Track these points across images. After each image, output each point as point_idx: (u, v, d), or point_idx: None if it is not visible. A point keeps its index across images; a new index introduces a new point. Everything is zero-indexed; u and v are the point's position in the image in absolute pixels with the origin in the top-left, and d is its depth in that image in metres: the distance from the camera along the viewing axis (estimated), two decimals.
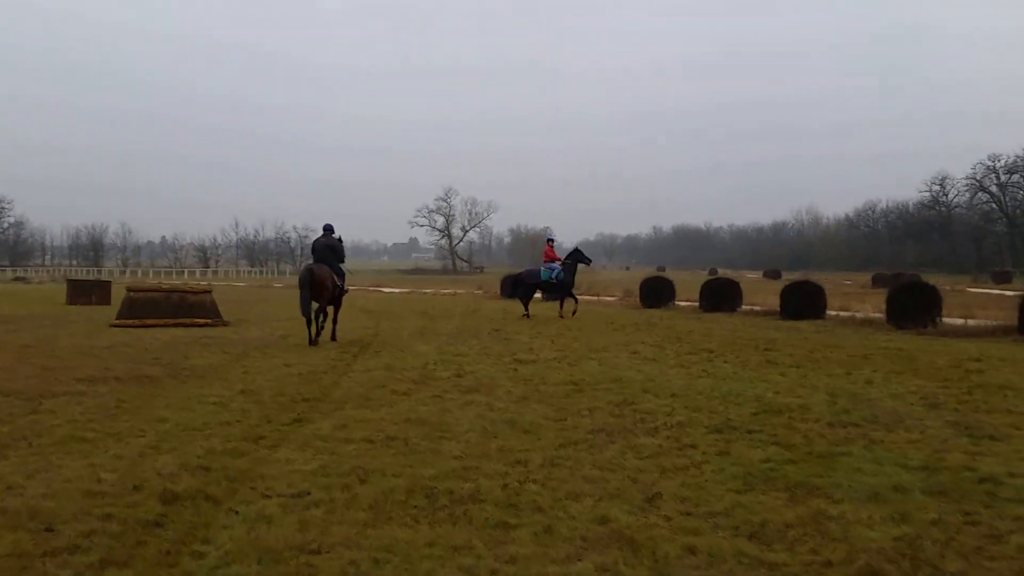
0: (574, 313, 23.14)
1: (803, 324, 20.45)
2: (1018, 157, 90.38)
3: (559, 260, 23.96)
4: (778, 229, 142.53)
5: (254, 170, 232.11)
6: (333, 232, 17.08)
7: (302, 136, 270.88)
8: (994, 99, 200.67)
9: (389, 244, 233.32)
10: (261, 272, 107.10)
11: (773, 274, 73.03)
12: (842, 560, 4.26)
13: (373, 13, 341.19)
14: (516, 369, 11.72)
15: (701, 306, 26.27)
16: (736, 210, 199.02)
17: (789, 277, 79.07)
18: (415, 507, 5.16)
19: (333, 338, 16.24)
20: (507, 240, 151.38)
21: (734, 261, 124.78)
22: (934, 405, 8.82)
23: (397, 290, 48.68)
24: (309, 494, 5.43)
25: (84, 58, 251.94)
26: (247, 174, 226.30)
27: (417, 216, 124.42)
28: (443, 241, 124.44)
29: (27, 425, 7.70)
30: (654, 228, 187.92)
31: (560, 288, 23.79)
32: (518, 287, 25.18)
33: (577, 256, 24.13)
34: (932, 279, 53.75)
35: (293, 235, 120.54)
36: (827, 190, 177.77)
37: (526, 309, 23.37)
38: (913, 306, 19.16)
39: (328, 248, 16.81)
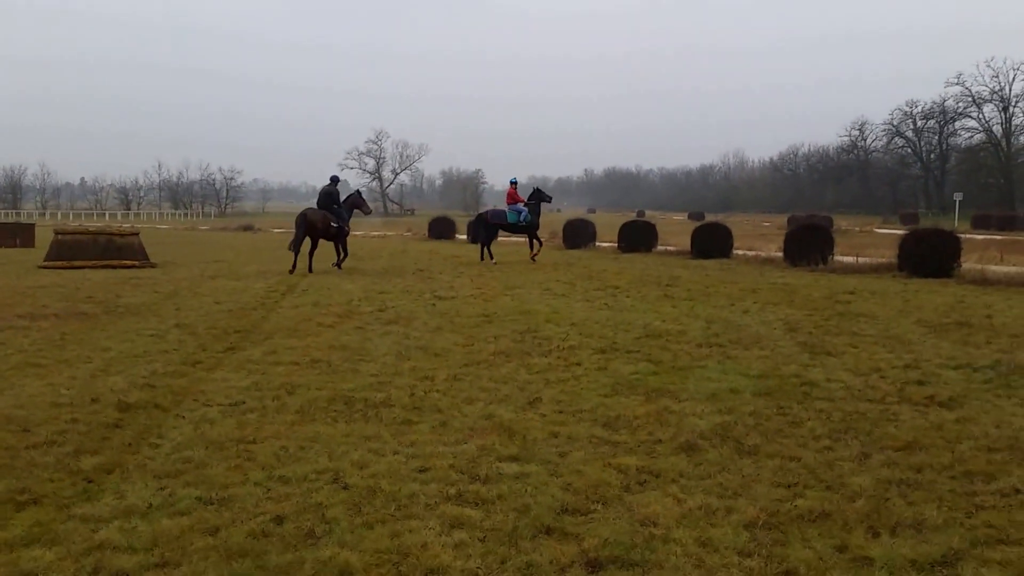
0: (534, 257, 23.14)
1: (709, 263, 21.89)
2: (934, 104, 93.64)
3: (523, 201, 23.67)
4: (706, 172, 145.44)
5: (176, 106, 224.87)
6: (338, 182, 21.73)
7: (227, 67, 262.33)
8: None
9: (319, 186, 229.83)
10: (186, 215, 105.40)
11: (697, 216, 75.05)
12: (669, 438, 5.49)
13: None
14: (434, 304, 12.79)
15: (619, 247, 27.55)
16: (668, 155, 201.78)
17: (712, 219, 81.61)
18: (335, 411, 6.25)
19: (338, 266, 19.76)
20: (439, 183, 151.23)
21: (663, 203, 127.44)
22: (793, 329, 10.20)
23: None
24: (244, 403, 6.48)
25: None
26: (170, 111, 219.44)
27: (347, 159, 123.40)
28: (374, 183, 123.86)
29: None
30: (586, 171, 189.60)
31: (527, 229, 23.68)
32: (480, 229, 24.31)
33: (539, 196, 23.98)
34: (844, 221, 56.62)
35: (218, 177, 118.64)
36: (756, 137, 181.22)
37: (488, 252, 23.08)
38: (808, 246, 20.67)
39: (327, 195, 20.50)
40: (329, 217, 19.66)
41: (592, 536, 3.85)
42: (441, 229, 37.93)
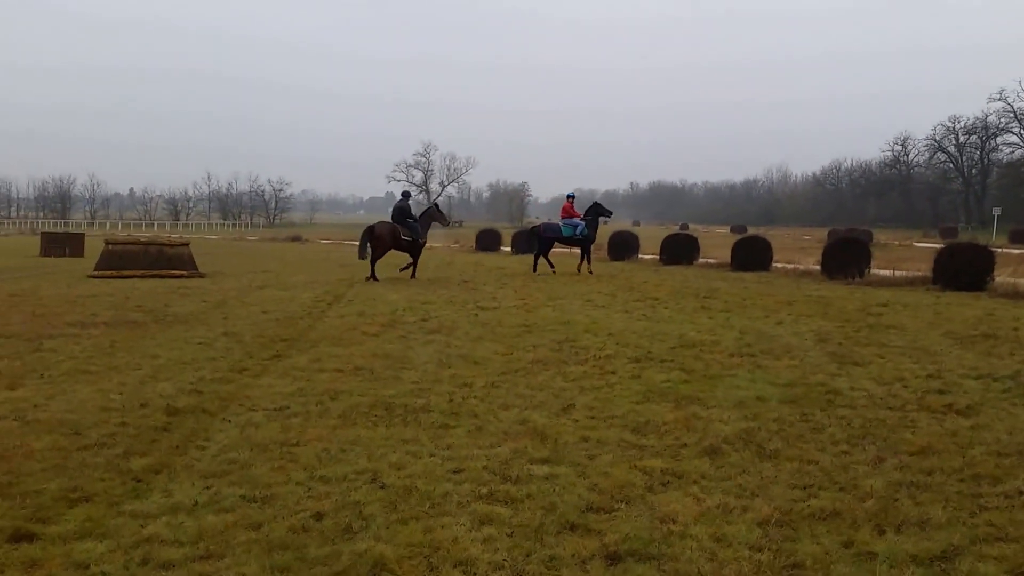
0: (586, 271, 22.76)
1: (748, 275, 21.91)
2: (976, 119, 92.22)
3: (579, 216, 23.42)
4: (750, 186, 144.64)
5: (228, 119, 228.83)
6: (409, 197, 22.89)
7: (278, 79, 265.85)
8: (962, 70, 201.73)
9: (366, 198, 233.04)
10: (234, 225, 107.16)
11: (739, 229, 74.58)
12: (695, 442, 5.66)
13: None
14: (477, 314, 13.03)
15: (661, 259, 27.65)
16: (713, 168, 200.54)
17: (754, 232, 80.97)
18: (376, 416, 6.50)
19: (413, 276, 20.70)
20: (486, 195, 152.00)
21: (707, 217, 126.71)
22: (824, 340, 10.29)
23: None
24: (289, 408, 6.76)
25: (47, 5, 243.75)
26: (221, 123, 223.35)
27: (395, 171, 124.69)
28: (421, 196, 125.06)
29: (35, 361, 8.82)
30: (631, 184, 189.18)
31: (582, 243, 23.26)
32: (533, 241, 24.31)
33: (597, 210, 23.59)
34: (884, 235, 55.88)
35: (267, 188, 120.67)
36: (800, 152, 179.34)
37: (548, 262, 23.15)
38: (845, 259, 20.61)
39: (399, 210, 21.34)
40: (399, 230, 20.51)
41: (613, 532, 4.05)
42: (487, 241, 38.26)
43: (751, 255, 24.27)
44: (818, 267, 21.89)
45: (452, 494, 4.63)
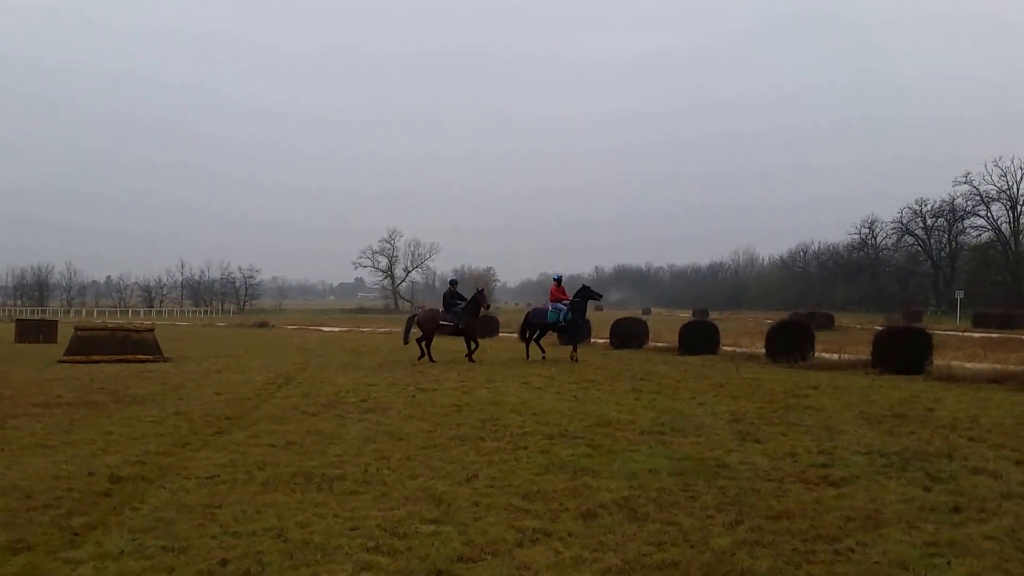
0: (573, 358, 21.78)
1: (693, 359, 22.76)
2: (943, 202, 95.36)
3: (567, 299, 23.03)
4: (716, 269, 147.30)
5: (203, 209, 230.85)
6: (456, 284, 25.19)
7: (253, 175, 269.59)
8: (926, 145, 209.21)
9: (335, 284, 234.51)
10: (206, 312, 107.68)
11: (701, 313, 76.12)
12: (574, 507, 6.39)
13: (329, 57, 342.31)
14: (415, 396, 13.74)
15: (611, 343, 28.55)
16: (679, 251, 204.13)
17: (717, 315, 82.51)
18: (295, 483, 7.20)
19: (469, 358, 21.89)
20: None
21: (672, 300, 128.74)
22: (737, 420, 11.05)
23: (336, 329, 50.39)
24: (219, 476, 7.45)
25: (20, 90, 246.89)
26: (196, 214, 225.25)
27: (361, 257, 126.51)
28: (386, 281, 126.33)
29: None
30: (596, 268, 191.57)
31: (569, 330, 23.00)
32: (524, 328, 24.33)
33: (586, 293, 23.12)
34: (847, 318, 57.40)
35: (238, 275, 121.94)
36: (766, 231, 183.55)
37: (539, 348, 22.76)
38: (788, 342, 21.57)
39: (449, 295, 23.35)
40: (439, 316, 22.64)
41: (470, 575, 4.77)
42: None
43: (699, 339, 25.17)
44: (763, 351, 22.84)
45: (344, 546, 5.33)
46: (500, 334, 37.49)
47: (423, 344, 22.21)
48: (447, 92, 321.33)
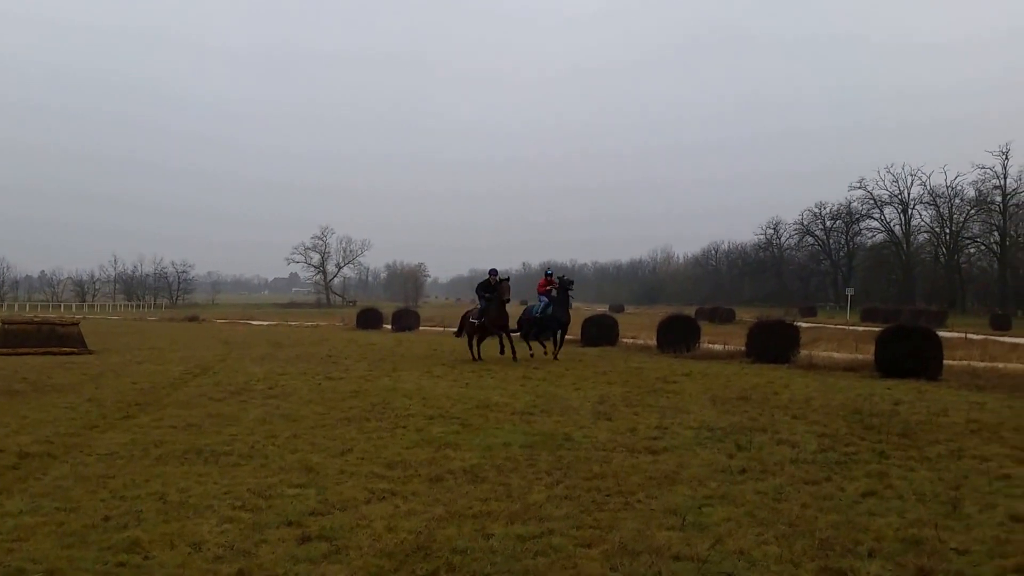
0: (555, 356, 20.30)
1: (592, 350, 23.86)
2: (841, 205, 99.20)
3: (548, 292, 21.41)
4: (636, 266, 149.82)
5: (136, 202, 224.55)
6: (495, 275, 21.07)
7: (184, 166, 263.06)
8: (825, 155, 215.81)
9: (270, 279, 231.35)
10: (138, 306, 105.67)
11: (617, 308, 77.94)
12: (426, 474, 7.19)
13: (264, 53, 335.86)
14: (320, 384, 14.40)
15: (521, 335, 29.46)
16: (603, 248, 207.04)
17: (633, 310, 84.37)
18: (186, 458, 7.86)
19: (501, 352, 20.45)
20: (383, 275, 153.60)
21: (595, 296, 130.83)
22: (602, 402, 12.00)
23: (265, 323, 50.34)
24: (117, 453, 8.06)
25: None
26: (130, 206, 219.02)
27: (294, 253, 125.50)
28: (318, 277, 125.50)
29: None
30: (524, 264, 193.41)
31: (550, 325, 21.14)
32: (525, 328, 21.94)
33: (564, 284, 21.57)
34: (748, 313, 59.27)
35: (171, 270, 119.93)
36: (683, 232, 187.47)
37: (527, 345, 21.24)
38: (677, 334, 22.79)
39: (480, 288, 21.13)
40: (471, 313, 21.30)
41: (317, 525, 5.53)
42: (369, 320, 39.56)
43: (600, 332, 26.33)
44: (654, 342, 24.02)
45: (214, 506, 6.04)
46: (421, 328, 38.19)
47: (472, 343, 20.55)
48: (378, 91, 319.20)
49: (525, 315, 22.20)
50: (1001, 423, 9.80)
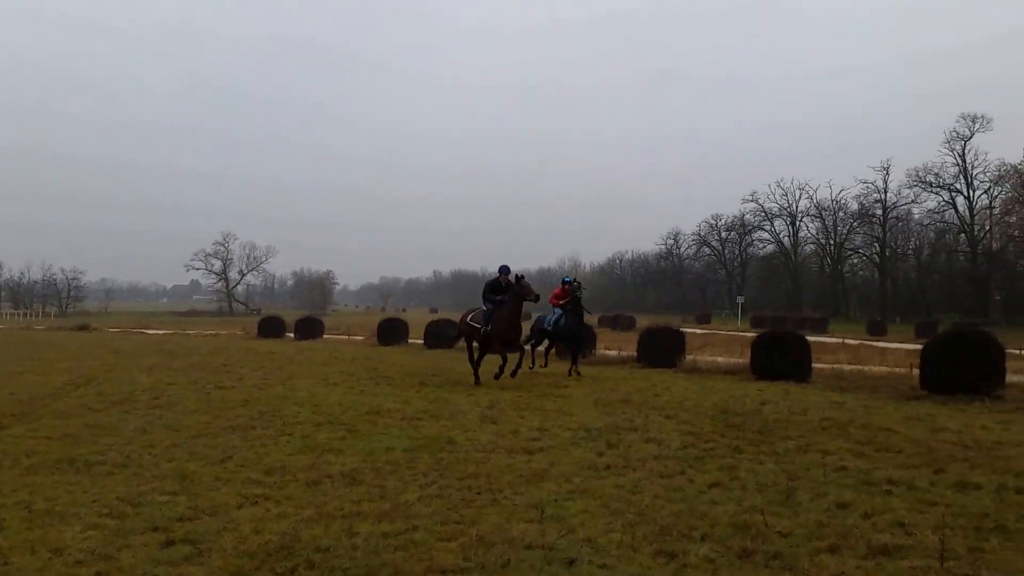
0: (571, 372, 18.13)
1: (493, 358, 24.12)
2: (735, 217, 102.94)
3: (560, 303, 19.51)
4: (544, 275, 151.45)
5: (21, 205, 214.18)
6: (507, 274, 16.64)
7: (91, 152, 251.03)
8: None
9: (169, 286, 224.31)
10: (25, 315, 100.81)
11: (524, 316, 78.62)
12: (304, 478, 7.31)
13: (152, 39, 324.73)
14: (209, 393, 14.22)
15: (425, 344, 29.58)
16: (513, 257, 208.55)
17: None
18: (59, 468, 7.76)
19: (499, 374, 16.18)
20: (290, 282, 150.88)
21: None
22: (492, 407, 12.28)
23: (161, 332, 48.87)
24: None
25: None
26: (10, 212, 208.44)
27: (194, 260, 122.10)
28: (220, 284, 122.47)
29: None
30: (434, 272, 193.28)
31: (562, 337, 19.61)
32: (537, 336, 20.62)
33: (573, 291, 19.38)
34: (647, 319, 60.79)
35: (60, 277, 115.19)
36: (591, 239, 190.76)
37: (532, 357, 19.70)
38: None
39: (488, 288, 16.89)
40: (470, 316, 17.25)
41: (183, 530, 5.62)
42: (271, 328, 38.92)
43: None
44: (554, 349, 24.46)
45: (80, 513, 6.04)
46: (325, 336, 37.80)
47: (472, 355, 16.98)
48: (285, 91, 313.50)
49: (537, 326, 20.61)
50: (851, 421, 10.51)
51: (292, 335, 37.31)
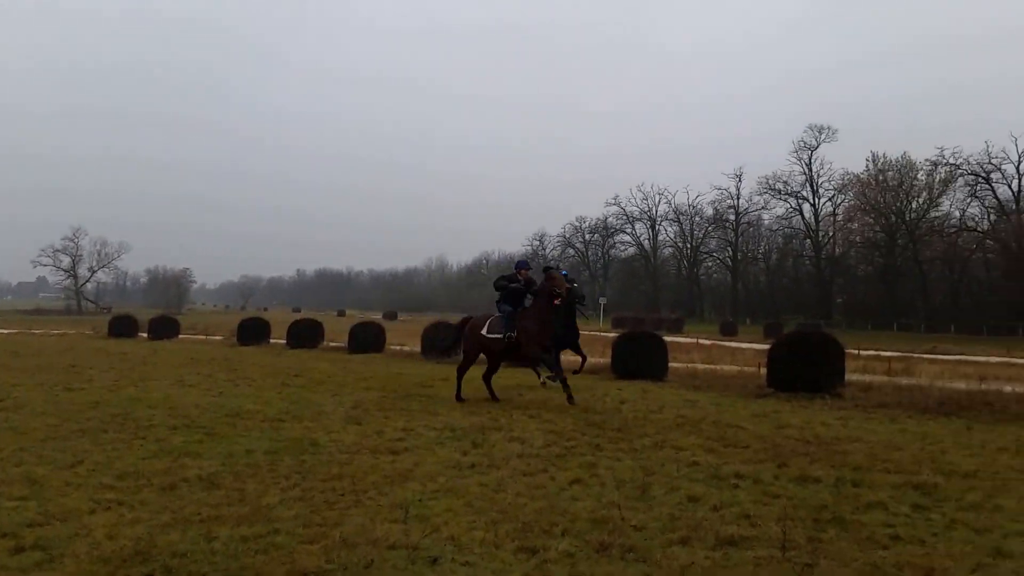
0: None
1: (359, 357, 23.92)
2: (598, 220, 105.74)
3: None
4: (412, 274, 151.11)
5: None
6: (526, 269, 14.08)
7: None
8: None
9: (14, 283, 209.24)
10: None
11: (391, 316, 78.22)
12: (159, 483, 7.05)
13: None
14: (58, 395, 13.44)
15: (287, 344, 28.94)
16: (380, 257, 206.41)
17: (407, 318, 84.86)
18: None
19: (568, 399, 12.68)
20: (144, 280, 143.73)
21: (371, 303, 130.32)
22: (356, 407, 12.18)
23: (5, 331, 45.68)
24: None
25: None
26: None
27: (41, 256, 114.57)
28: (68, 282, 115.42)
29: None
30: (298, 271, 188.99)
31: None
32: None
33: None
34: None
35: None
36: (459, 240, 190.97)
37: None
38: (439, 341, 23.29)
39: (503, 285, 13.95)
40: (482, 323, 13.95)
41: (33, 536, 5.33)
42: (123, 327, 37.09)
43: (367, 339, 26.40)
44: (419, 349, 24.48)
45: None
46: (181, 336, 36.34)
47: (459, 379, 13.82)
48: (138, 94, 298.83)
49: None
50: (703, 418, 11.05)
51: (146, 335, 35.71)
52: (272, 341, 30.76)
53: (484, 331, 13.52)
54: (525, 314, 13.10)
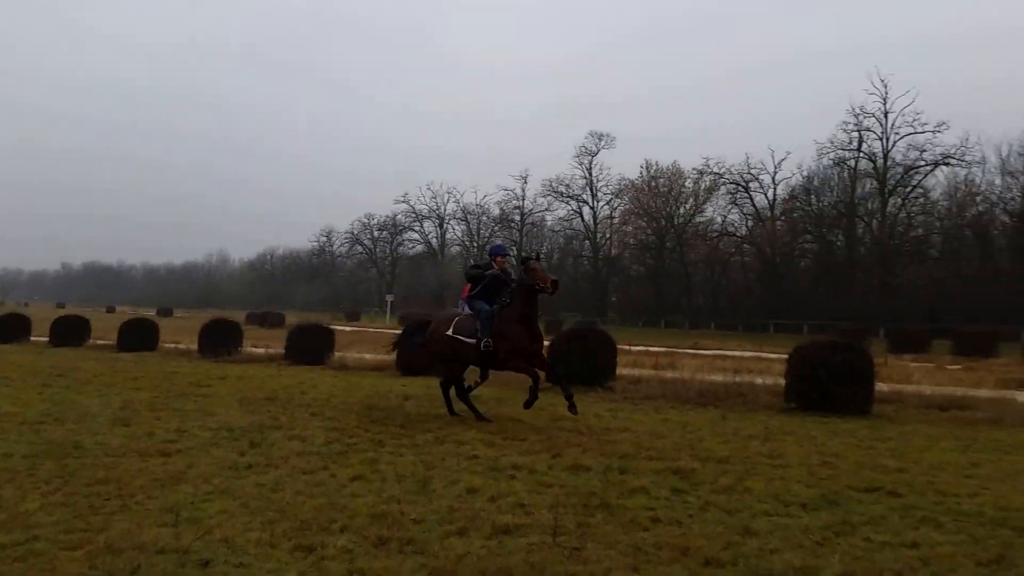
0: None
1: (130, 355, 22.40)
2: (387, 217, 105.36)
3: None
4: (190, 269, 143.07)
5: None
6: (499, 255, 11.76)
7: None
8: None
9: None
10: None
11: (166, 312, 73.95)
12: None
13: None
14: None
15: (51, 341, 26.62)
16: (156, 250, 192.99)
17: (184, 314, 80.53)
18: None
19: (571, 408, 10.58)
20: None
21: (144, 299, 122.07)
22: (125, 408, 11.44)
23: None
24: None
25: None
26: None
27: None
28: None
29: None
30: (63, 264, 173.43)
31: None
32: None
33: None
34: (296, 317, 60.23)
35: None
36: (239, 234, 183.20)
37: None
38: (219, 338, 22.38)
39: (475, 276, 11.54)
40: (446, 324, 11.47)
41: None
42: None
43: (139, 336, 24.78)
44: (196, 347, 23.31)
45: None
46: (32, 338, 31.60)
47: (446, 391, 11.65)
48: None
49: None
50: (484, 412, 11.41)
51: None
52: (33, 339, 28.14)
53: (450, 332, 11.19)
54: (502, 315, 10.78)
